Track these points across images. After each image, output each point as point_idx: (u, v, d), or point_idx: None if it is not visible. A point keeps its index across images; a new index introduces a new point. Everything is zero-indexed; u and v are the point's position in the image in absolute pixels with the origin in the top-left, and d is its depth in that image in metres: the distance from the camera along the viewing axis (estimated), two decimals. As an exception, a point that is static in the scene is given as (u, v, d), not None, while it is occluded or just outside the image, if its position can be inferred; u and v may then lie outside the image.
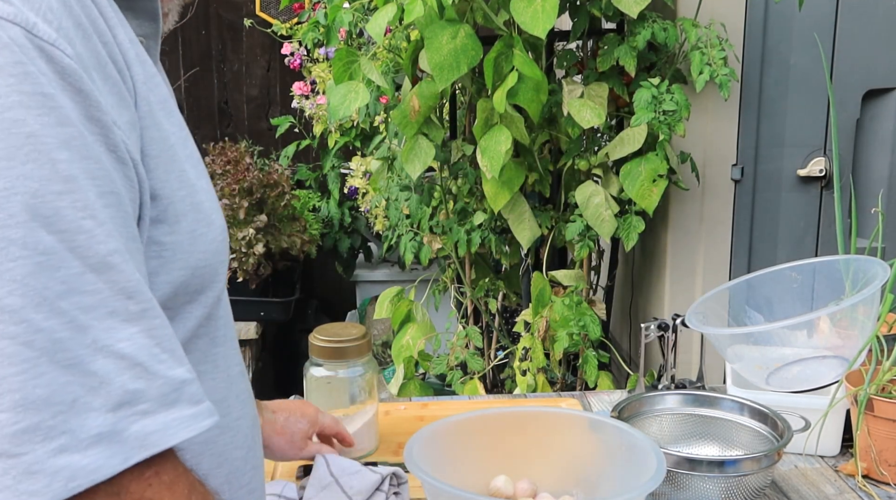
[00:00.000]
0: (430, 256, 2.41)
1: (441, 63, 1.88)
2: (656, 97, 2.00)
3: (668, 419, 1.32)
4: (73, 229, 0.55)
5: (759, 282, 1.48)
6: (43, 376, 0.53)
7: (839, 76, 2.30)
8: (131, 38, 0.68)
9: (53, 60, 0.56)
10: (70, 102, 0.57)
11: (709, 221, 2.37)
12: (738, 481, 1.15)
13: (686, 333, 1.48)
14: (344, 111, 1.99)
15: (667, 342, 1.50)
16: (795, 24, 2.27)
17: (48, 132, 0.55)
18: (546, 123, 2.22)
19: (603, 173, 2.19)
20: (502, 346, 2.49)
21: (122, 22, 0.67)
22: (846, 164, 2.34)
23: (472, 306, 2.46)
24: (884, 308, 1.30)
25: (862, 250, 1.58)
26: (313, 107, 3.30)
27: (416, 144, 2.12)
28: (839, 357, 1.33)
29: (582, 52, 2.30)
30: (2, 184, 0.53)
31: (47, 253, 0.54)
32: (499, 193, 2.08)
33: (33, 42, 0.55)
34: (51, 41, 0.56)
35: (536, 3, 1.82)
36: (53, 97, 0.55)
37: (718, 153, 2.33)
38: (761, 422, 1.27)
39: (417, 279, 2.59)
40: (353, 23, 2.25)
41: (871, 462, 1.25)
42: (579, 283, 2.24)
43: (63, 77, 0.56)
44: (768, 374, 1.37)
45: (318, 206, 3.53)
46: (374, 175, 2.58)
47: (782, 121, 2.34)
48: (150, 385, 0.57)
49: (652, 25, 2.05)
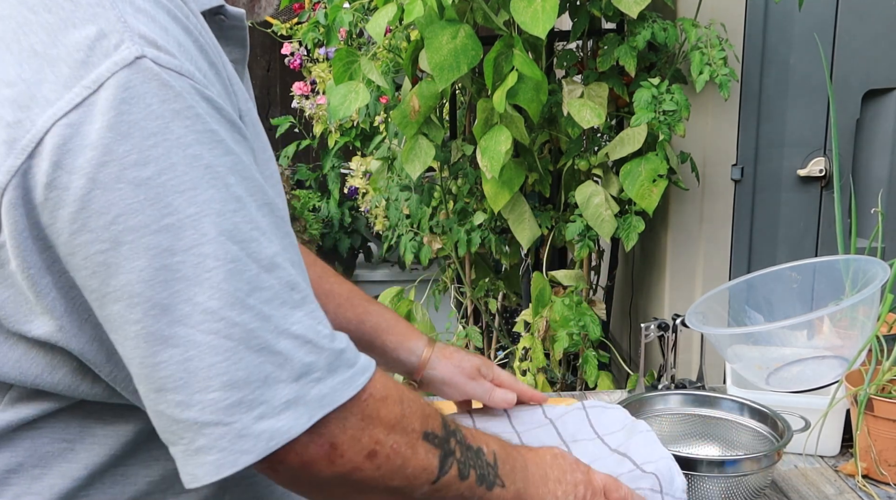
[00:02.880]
0: (430, 256, 2.41)
1: (441, 63, 1.88)
2: (656, 97, 2.00)
3: (668, 419, 1.32)
4: (248, 239, 0.67)
5: (759, 282, 1.48)
6: (242, 361, 0.66)
7: (839, 76, 2.30)
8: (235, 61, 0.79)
9: (210, 100, 0.68)
10: (227, 131, 0.69)
11: (709, 221, 2.37)
12: (738, 481, 1.15)
13: (686, 333, 1.48)
14: (344, 111, 1.99)
15: (667, 342, 1.50)
16: (795, 24, 2.27)
17: (219, 162, 0.66)
18: (546, 123, 2.22)
19: (603, 173, 2.19)
20: (502, 346, 2.49)
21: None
22: (846, 164, 2.34)
23: (472, 306, 2.46)
24: (884, 308, 1.30)
25: (862, 249, 1.58)
26: (313, 107, 3.30)
27: (416, 144, 2.12)
28: (839, 357, 1.33)
29: (582, 52, 2.30)
30: (194, 209, 0.64)
31: (234, 261, 0.66)
32: (499, 193, 2.08)
33: (195, 88, 0.66)
34: (203, 86, 0.67)
35: (536, 3, 1.82)
36: (217, 132, 0.67)
37: (718, 153, 2.33)
38: (761, 422, 1.27)
39: (417, 279, 2.59)
40: (353, 23, 2.25)
41: (871, 462, 1.25)
42: (579, 283, 2.24)
43: (219, 112, 0.68)
44: (768, 374, 1.37)
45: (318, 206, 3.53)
46: (374, 175, 2.59)
47: (782, 121, 2.34)
48: (319, 357, 0.70)
49: (652, 25, 2.05)
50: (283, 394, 0.67)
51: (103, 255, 0.64)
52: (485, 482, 0.82)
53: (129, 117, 0.63)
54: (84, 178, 0.63)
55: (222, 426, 0.66)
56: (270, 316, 0.67)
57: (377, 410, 0.74)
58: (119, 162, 0.63)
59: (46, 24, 0.65)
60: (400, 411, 0.76)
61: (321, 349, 0.70)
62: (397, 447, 0.75)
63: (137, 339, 0.65)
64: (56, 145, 0.63)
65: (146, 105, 0.63)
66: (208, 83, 0.68)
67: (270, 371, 0.67)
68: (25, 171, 0.63)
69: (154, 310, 0.64)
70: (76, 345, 0.70)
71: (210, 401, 0.66)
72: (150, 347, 0.65)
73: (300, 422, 0.68)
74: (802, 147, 2.35)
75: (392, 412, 0.75)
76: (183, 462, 0.68)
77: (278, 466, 0.70)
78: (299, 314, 0.69)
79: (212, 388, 0.65)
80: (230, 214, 0.66)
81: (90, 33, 0.64)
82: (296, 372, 0.68)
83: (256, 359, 0.66)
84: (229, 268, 0.65)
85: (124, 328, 0.66)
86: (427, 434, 0.78)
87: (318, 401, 0.69)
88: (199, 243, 0.65)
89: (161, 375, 0.66)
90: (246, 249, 0.67)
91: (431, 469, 0.78)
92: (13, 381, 0.71)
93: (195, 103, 0.66)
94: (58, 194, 0.63)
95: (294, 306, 0.69)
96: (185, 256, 0.64)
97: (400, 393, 0.77)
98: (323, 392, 0.69)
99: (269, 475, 0.72)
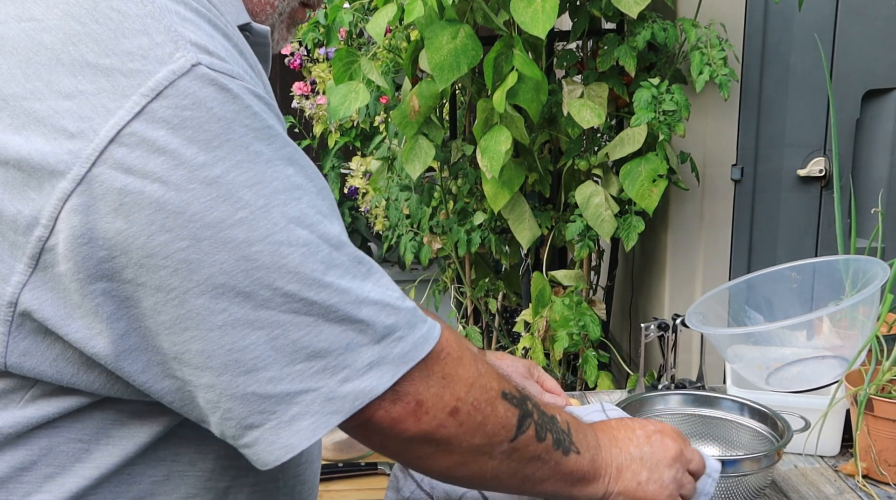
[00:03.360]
0: (430, 256, 2.41)
1: (441, 63, 1.88)
2: (656, 97, 2.00)
3: (668, 419, 1.32)
4: (315, 222, 0.71)
5: (759, 282, 1.48)
6: (322, 333, 0.71)
7: (839, 76, 2.30)
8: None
9: (261, 98, 0.72)
10: (279, 124, 0.73)
11: (709, 221, 2.37)
12: (738, 481, 1.15)
13: (686, 333, 1.48)
14: (344, 111, 1.99)
15: (667, 342, 1.50)
16: (795, 24, 2.27)
17: (278, 155, 0.71)
18: (546, 123, 2.22)
19: (603, 173, 2.19)
20: (502, 346, 2.49)
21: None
22: (846, 164, 2.34)
23: (472, 306, 2.47)
24: (884, 308, 1.30)
25: (862, 249, 1.58)
26: (313, 107, 3.30)
27: (416, 144, 2.13)
28: (839, 357, 1.33)
29: (582, 52, 2.31)
30: (263, 201, 0.68)
31: (306, 244, 0.70)
32: (499, 193, 2.08)
33: (247, 88, 0.70)
34: (253, 85, 0.71)
35: (536, 3, 1.82)
36: (273, 127, 0.71)
37: (718, 153, 2.33)
38: (761, 422, 1.27)
39: (417, 279, 2.60)
40: (353, 23, 2.26)
41: (870, 462, 1.25)
42: (579, 283, 2.24)
43: (270, 109, 0.73)
44: (768, 374, 1.38)
45: (318, 206, 3.52)
46: (374, 175, 2.59)
47: (782, 121, 2.34)
48: (399, 318, 0.74)
49: (652, 25, 2.05)
50: (367, 357, 0.72)
51: (184, 252, 0.67)
52: (560, 447, 0.87)
53: (193, 122, 0.66)
54: (157, 182, 0.66)
55: (312, 392, 0.71)
56: (348, 289, 0.72)
57: (455, 368, 0.78)
58: (189, 164, 0.66)
59: (96, 34, 0.66)
60: (476, 370, 0.80)
61: (398, 309, 0.75)
62: (477, 403, 0.79)
63: (224, 327, 0.69)
64: (123, 154, 0.65)
65: (208, 109, 0.67)
66: (254, 84, 0.72)
67: (353, 337, 0.72)
68: (92, 179, 0.65)
69: (238, 298, 0.69)
70: (113, 350, 0.70)
71: (298, 371, 0.70)
72: (237, 332, 0.69)
73: (383, 381, 0.73)
74: (802, 147, 2.36)
75: (469, 371, 0.79)
76: (273, 439, 0.72)
77: (368, 424, 0.74)
78: (370, 284, 0.74)
79: (298, 359, 0.70)
80: (294, 202, 0.70)
81: (143, 43, 0.66)
82: (378, 335, 0.73)
83: (337, 329, 0.71)
84: (303, 251, 0.70)
85: (209, 320, 0.69)
86: (505, 394, 0.82)
87: (400, 358, 0.74)
88: (273, 232, 0.69)
89: (250, 357, 0.70)
90: (315, 231, 0.71)
91: (510, 427, 0.82)
92: (50, 379, 0.72)
93: (251, 102, 0.70)
94: (132, 199, 0.66)
95: (364, 277, 0.74)
96: (262, 245, 0.68)
97: (473, 354, 0.81)
98: (405, 350, 0.74)
99: (360, 436, 0.77)
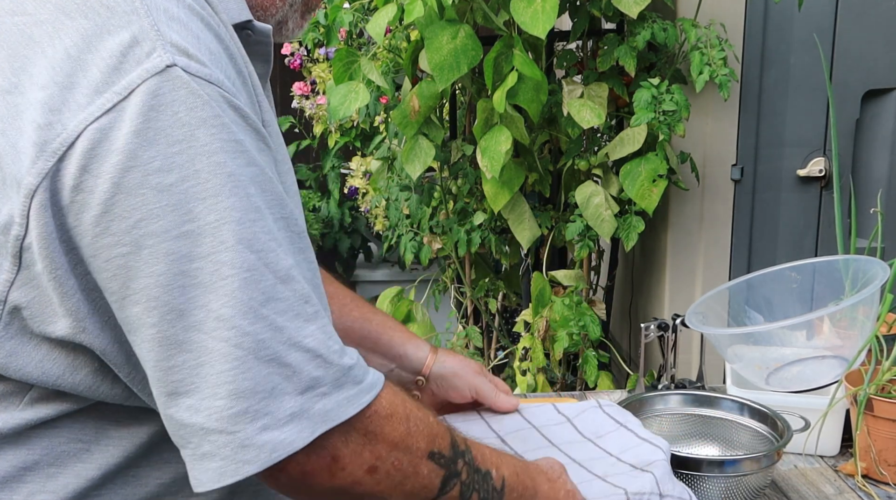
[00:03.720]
0: (430, 256, 2.41)
1: (441, 63, 1.88)
2: (656, 97, 2.00)
3: (668, 419, 1.32)
4: (266, 249, 0.67)
5: (759, 282, 1.48)
6: (250, 371, 0.66)
7: (839, 76, 2.30)
8: (257, 75, 0.79)
9: (238, 109, 0.69)
10: (252, 141, 0.69)
11: (709, 221, 2.37)
12: (738, 481, 1.15)
13: (686, 333, 1.48)
14: (344, 111, 1.99)
15: (667, 342, 1.50)
16: (795, 24, 2.27)
17: (242, 171, 0.67)
18: (546, 123, 2.22)
19: (603, 173, 2.19)
20: (502, 346, 2.49)
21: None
22: (846, 164, 2.34)
23: (472, 306, 2.47)
24: (883, 308, 1.30)
25: (862, 250, 1.58)
26: (313, 107, 3.30)
27: (416, 144, 2.13)
28: (839, 357, 1.33)
29: (582, 52, 2.31)
30: (214, 216, 0.65)
31: (251, 270, 0.66)
32: (499, 193, 2.08)
33: (223, 96, 0.67)
34: (232, 94, 0.68)
35: (536, 4, 1.82)
36: (243, 142, 0.68)
37: (718, 153, 2.33)
38: (761, 422, 1.27)
39: (417, 279, 2.60)
40: (353, 23, 2.25)
41: (870, 462, 1.25)
42: (579, 283, 2.24)
43: (245, 121, 0.69)
44: (768, 374, 1.38)
45: (318, 206, 3.53)
46: (374, 175, 2.59)
47: (782, 121, 2.34)
48: (327, 372, 0.70)
49: (652, 26, 2.05)
50: (289, 406, 0.68)
51: (124, 258, 0.65)
52: None
53: (156, 124, 0.64)
54: (109, 182, 0.64)
55: (226, 435, 0.67)
56: (283, 327, 0.68)
57: (381, 427, 0.74)
58: (143, 168, 0.64)
59: (83, 29, 0.66)
60: (405, 430, 0.76)
61: (330, 364, 0.70)
62: (399, 464, 0.75)
63: (153, 342, 0.66)
64: (85, 149, 0.64)
65: (173, 113, 0.64)
66: (236, 92, 0.69)
67: (278, 383, 0.67)
68: (55, 173, 0.65)
69: (170, 315, 0.65)
70: (99, 345, 0.71)
71: (217, 408, 0.66)
72: (164, 350, 0.66)
73: (303, 435, 0.69)
74: (802, 147, 2.35)
75: (397, 430, 0.75)
76: (190, 466, 0.69)
77: (279, 475, 0.70)
78: (312, 328, 0.70)
79: (219, 395, 0.66)
80: (249, 224, 0.67)
81: (124, 40, 0.65)
82: (302, 385, 0.69)
83: (265, 369, 0.67)
84: (245, 277, 0.66)
85: (141, 331, 0.67)
86: (433, 454, 0.78)
87: (321, 416, 0.69)
88: (217, 251, 0.65)
89: (174, 378, 0.67)
90: (263, 258, 0.67)
91: (432, 488, 0.78)
92: (35, 381, 0.72)
93: (222, 112, 0.67)
94: (83, 198, 0.65)
95: (307, 319, 0.70)
96: (203, 262, 0.65)
97: (407, 411, 0.77)
98: (327, 407, 0.70)
99: (268, 483, 0.73)
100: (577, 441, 1.11)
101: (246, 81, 0.73)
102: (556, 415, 1.17)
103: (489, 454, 0.85)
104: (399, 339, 1.14)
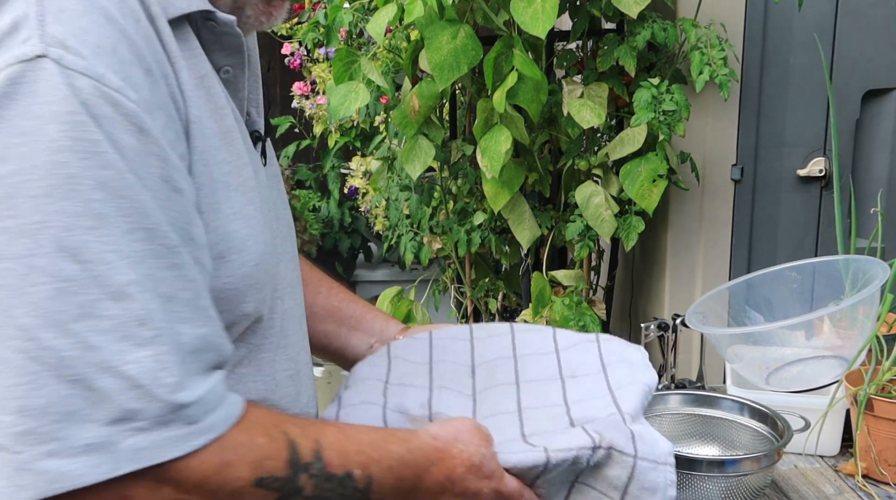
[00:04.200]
0: (430, 256, 2.41)
1: (441, 63, 1.88)
2: (656, 97, 2.00)
3: (668, 419, 1.32)
4: (97, 261, 0.62)
5: (759, 282, 1.48)
6: (44, 388, 0.60)
7: (839, 76, 2.30)
8: (204, 74, 0.75)
9: (118, 105, 0.64)
10: (132, 140, 0.64)
11: (709, 221, 2.37)
12: (738, 481, 1.15)
13: (686, 333, 1.48)
14: (344, 111, 1.99)
15: (667, 342, 1.50)
16: (795, 24, 2.27)
17: (87, 174, 0.62)
18: (546, 123, 2.22)
19: (603, 173, 2.19)
20: (502, 346, 2.48)
21: (194, 62, 0.74)
22: (846, 164, 2.34)
23: (472, 306, 2.46)
24: (883, 308, 1.30)
25: (862, 249, 1.59)
26: (313, 107, 3.30)
27: (416, 144, 2.13)
28: (839, 357, 1.33)
29: (582, 52, 2.30)
30: (38, 217, 0.60)
31: (68, 281, 0.61)
32: (499, 193, 2.08)
33: (100, 90, 0.63)
34: (116, 88, 0.64)
35: (536, 3, 1.82)
36: (99, 143, 0.62)
37: (718, 153, 2.33)
38: (761, 422, 1.27)
39: (417, 279, 2.59)
40: (353, 23, 2.25)
41: (870, 462, 1.25)
42: (579, 283, 2.24)
43: (127, 118, 0.64)
44: (768, 374, 1.38)
45: (318, 206, 3.53)
46: (374, 175, 2.59)
47: (782, 121, 2.34)
48: (148, 406, 0.63)
49: (652, 25, 2.05)
50: (88, 435, 0.61)
51: None
52: None
53: (5, 111, 0.61)
54: None
55: (8, 453, 0.60)
56: (99, 348, 0.61)
57: (192, 470, 0.66)
58: None
59: None
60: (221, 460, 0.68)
61: (153, 398, 0.63)
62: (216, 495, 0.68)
63: None
64: None
65: (27, 104, 0.61)
66: (125, 87, 0.65)
67: (80, 407, 0.61)
68: None
69: None
70: None
71: (3, 423, 0.60)
72: None
73: (98, 471, 0.61)
74: (802, 147, 2.35)
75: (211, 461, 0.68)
76: None
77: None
78: (141, 354, 0.63)
79: (7, 409, 0.60)
80: (81, 232, 0.61)
81: (5, 24, 0.64)
82: (112, 416, 0.61)
83: (66, 390, 0.60)
84: (59, 287, 0.60)
85: None
86: (261, 480, 0.70)
87: (131, 453, 0.62)
88: (32, 254, 0.60)
89: None
90: (90, 271, 0.61)
91: None
92: None
93: (88, 109, 0.62)
94: None
95: (138, 343, 0.63)
96: (14, 263, 0.60)
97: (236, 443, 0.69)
98: (141, 445, 0.63)
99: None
100: (545, 380, 1.04)
101: (156, 79, 0.69)
102: (548, 344, 1.11)
103: (354, 454, 0.77)
104: (382, 319, 1.14)
